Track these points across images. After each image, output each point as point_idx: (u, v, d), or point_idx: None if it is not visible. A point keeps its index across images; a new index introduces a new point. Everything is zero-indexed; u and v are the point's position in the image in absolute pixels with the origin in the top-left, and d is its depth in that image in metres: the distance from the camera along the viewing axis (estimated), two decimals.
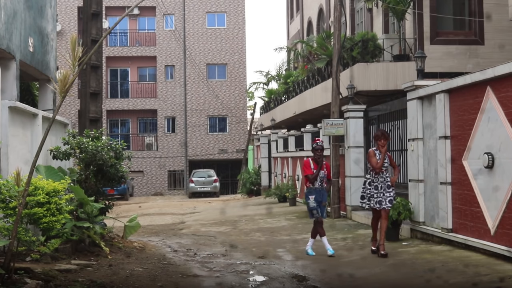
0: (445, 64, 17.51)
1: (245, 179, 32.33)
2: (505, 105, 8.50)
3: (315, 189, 10.23)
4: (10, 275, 6.75)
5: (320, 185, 10.23)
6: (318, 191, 10.22)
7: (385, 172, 9.93)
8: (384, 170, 9.91)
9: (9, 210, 7.13)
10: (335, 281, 8.49)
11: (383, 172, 9.88)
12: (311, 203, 10.18)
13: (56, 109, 7.07)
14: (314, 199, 10.14)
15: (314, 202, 10.13)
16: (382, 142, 9.87)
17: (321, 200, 10.19)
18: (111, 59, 42.05)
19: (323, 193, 10.26)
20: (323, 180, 10.26)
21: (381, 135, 10.01)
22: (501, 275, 7.55)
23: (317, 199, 10.17)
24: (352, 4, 24.16)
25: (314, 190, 10.23)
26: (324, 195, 10.30)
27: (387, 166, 9.98)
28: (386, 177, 9.92)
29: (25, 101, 13.02)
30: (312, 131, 21.06)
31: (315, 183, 10.22)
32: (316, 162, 10.22)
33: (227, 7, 43.55)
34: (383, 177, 9.89)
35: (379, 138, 9.95)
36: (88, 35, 12.13)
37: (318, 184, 10.23)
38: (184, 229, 16.07)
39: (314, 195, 10.18)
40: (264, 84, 40.57)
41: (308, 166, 10.27)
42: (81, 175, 10.87)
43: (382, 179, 9.88)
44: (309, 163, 10.31)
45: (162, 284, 7.95)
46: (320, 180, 10.24)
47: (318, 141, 10.39)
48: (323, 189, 10.26)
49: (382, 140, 9.89)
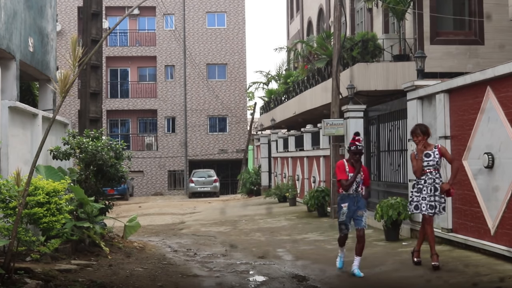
0: (445, 64, 17.51)
1: (245, 179, 32.33)
2: (505, 105, 8.50)
3: (348, 195, 8.54)
4: (10, 275, 6.75)
5: (355, 191, 8.55)
6: (352, 197, 8.53)
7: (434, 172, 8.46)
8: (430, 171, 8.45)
9: (9, 210, 7.13)
10: (335, 281, 8.48)
11: (432, 172, 8.44)
12: (341, 215, 8.57)
13: (56, 109, 7.07)
14: (347, 207, 8.50)
15: (347, 211, 8.49)
16: (418, 139, 8.54)
17: (356, 209, 8.51)
18: (111, 59, 42.04)
19: (358, 199, 8.55)
20: (359, 185, 8.60)
21: (413, 131, 8.70)
22: (501, 275, 7.55)
23: (351, 207, 8.51)
24: (352, 4, 24.16)
25: (348, 196, 8.54)
26: (360, 202, 8.58)
27: (434, 165, 8.48)
28: (435, 178, 8.47)
29: (25, 101, 13.02)
30: (312, 131, 21.06)
31: (350, 189, 8.58)
32: (352, 165, 8.58)
33: (227, 7, 43.55)
34: (432, 177, 8.46)
35: (412, 135, 8.71)
36: (88, 35, 12.13)
37: (353, 189, 8.57)
38: (184, 229, 16.07)
39: (347, 202, 8.52)
40: (264, 84, 40.59)
41: (342, 170, 8.58)
42: (81, 175, 10.87)
43: (431, 180, 8.46)
44: (343, 165, 8.62)
45: (162, 284, 7.95)
46: (356, 186, 8.58)
47: (358, 143, 8.62)
48: (358, 195, 8.55)
49: (415, 137, 8.60)
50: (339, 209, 8.64)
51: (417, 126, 8.71)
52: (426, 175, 8.44)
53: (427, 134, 8.58)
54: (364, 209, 8.57)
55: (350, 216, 8.51)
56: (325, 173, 18.48)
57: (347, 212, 8.47)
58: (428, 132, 8.59)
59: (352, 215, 8.51)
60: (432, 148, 8.51)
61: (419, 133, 8.51)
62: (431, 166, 8.43)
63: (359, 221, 8.50)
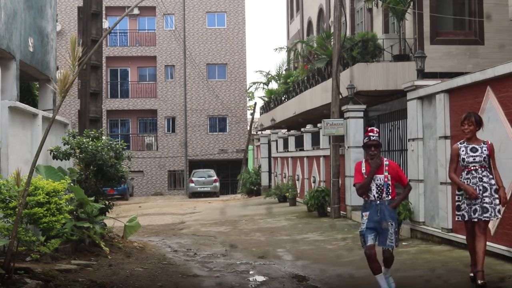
0: (445, 64, 17.51)
1: (245, 179, 32.34)
2: (505, 105, 8.50)
3: (370, 202, 6.90)
4: (10, 275, 6.75)
5: (378, 197, 6.87)
6: (374, 205, 6.85)
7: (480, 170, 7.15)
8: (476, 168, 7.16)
9: (9, 210, 7.14)
10: (335, 281, 8.49)
11: (478, 169, 7.15)
12: (361, 225, 6.96)
13: (56, 109, 7.08)
14: (368, 218, 6.86)
15: (367, 221, 6.86)
16: (470, 128, 7.23)
17: (379, 220, 6.81)
18: (111, 59, 42.04)
19: (383, 208, 6.83)
20: (383, 189, 6.87)
21: (466, 117, 7.30)
22: (501, 275, 7.55)
23: (373, 218, 6.83)
24: (352, 4, 24.15)
25: (370, 204, 6.91)
26: (386, 211, 6.82)
27: (481, 161, 7.15)
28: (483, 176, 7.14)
29: (25, 101, 13.01)
30: (312, 131, 21.06)
31: (369, 194, 6.90)
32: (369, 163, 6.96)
33: (227, 7, 43.55)
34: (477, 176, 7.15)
35: (464, 121, 7.30)
36: (88, 35, 12.14)
37: (374, 195, 6.89)
38: (184, 229, 16.07)
39: (368, 212, 6.90)
40: (264, 84, 40.55)
41: (359, 171, 7.03)
42: (81, 175, 10.87)
43: (476, 179, 7.15)
44: (359, 165, 7.08)
45: (162, 284, 7.95)
46: (379, 190, 6.87)
47: (372, 133, 7.04)
48: (383, 203, 6.85)
49: (466, 125, 7.26)
50: (361, 217, 7.16)
51: (472, 113, 7.36)
52: (471, 173, 7.13)
53: (480, 125, 7.30)
54: (391, 220, 6.80)
55: (372, 227, 6.81)
56: (325, 173, 18.48)
57: (367, 222, 6.83)
58: (481, 123, 7.34)
59: (376, 227, 6.82)
60: (480, 142, 7.22)
61: (472, 121, 7.19)
62: (477, 162, 7.12)
63: (384, 238, 6.82)
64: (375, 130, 7.09)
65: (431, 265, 8.66)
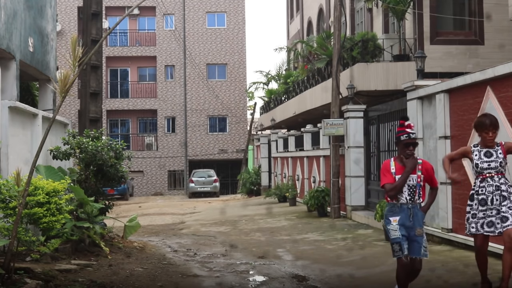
0: (445, 64, 17.50)
1: (245, 179, 32.34)
2: (505, 105, 8.50)
3: (400, 206, 6.14)
4: (10, 275, 6.75)
5: (410, 200, 6.14)
6: (406, 209, 6.12)
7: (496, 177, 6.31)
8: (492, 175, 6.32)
9: (9, 210, 7.14)
10: (335, 281, 8.48)
11: (494, 177, 6.31)
12: (393, 231, 6.13)
13: (56, 109, 7.08)
14: (398, 223, 6.10)
15: (398, 227, 6.09)
16: (490, 136, 6.36)
17: (411, 226, 6.12)
18: (111, 59, 42.03)
19: (415, 212, 6.14)
20: (416, 191, 6.17)
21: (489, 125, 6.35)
22: (501, 275, 7.53)
23: (403, 223, 6.11)
24: (352, 4, 24.15)
25: (400, 208, 6.14)
26: (418, 216, 6.16)
27: (497, 167, 6.31)
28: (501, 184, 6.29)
29: (25, 101, 13.01)
30: (312, 131, 21.06)
31: (400, 197, 6.16)
32: (402, 163, 6.18)
33: (227, 7, 43.54)
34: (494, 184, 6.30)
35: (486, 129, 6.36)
36: (88, 35, 12.14)
37: (407, 198, 6.16)
38: (184, 229, 16.07)
39: (398, 217, 6.13)
40: (264, 84, 40.54)
41: (387, 171, 6.21)
42: (81, 175, 10.87)
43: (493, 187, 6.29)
44: (388, 165, 6.26)
45: (162, 284, 7.95)
46: (411, 192, 6.16)
47: (410, 129, 6.20)
48: (415, 206, 6.15)
49: (492, 132, 6.36)
50: (386, 223, 6.30)
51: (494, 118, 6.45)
52: (486, 181, 6.31)
53: (497, 128, 6.43)
54: (421, 226, 6.18)
55: (405, 234, 6.11)
56: (325, 173, 18.48)
57: (399, 229, 6.08)
58: (498, 125, 6.46)
59: (407, 234, 6.10)
60: (494, 145, 6.40)
61: (498, 126, 6.41)
62: (493, 169, 6.30)
63: (416, 246, 6.12)
64: (412, 125, 6.25)
65: (431, 265, 8.65)
